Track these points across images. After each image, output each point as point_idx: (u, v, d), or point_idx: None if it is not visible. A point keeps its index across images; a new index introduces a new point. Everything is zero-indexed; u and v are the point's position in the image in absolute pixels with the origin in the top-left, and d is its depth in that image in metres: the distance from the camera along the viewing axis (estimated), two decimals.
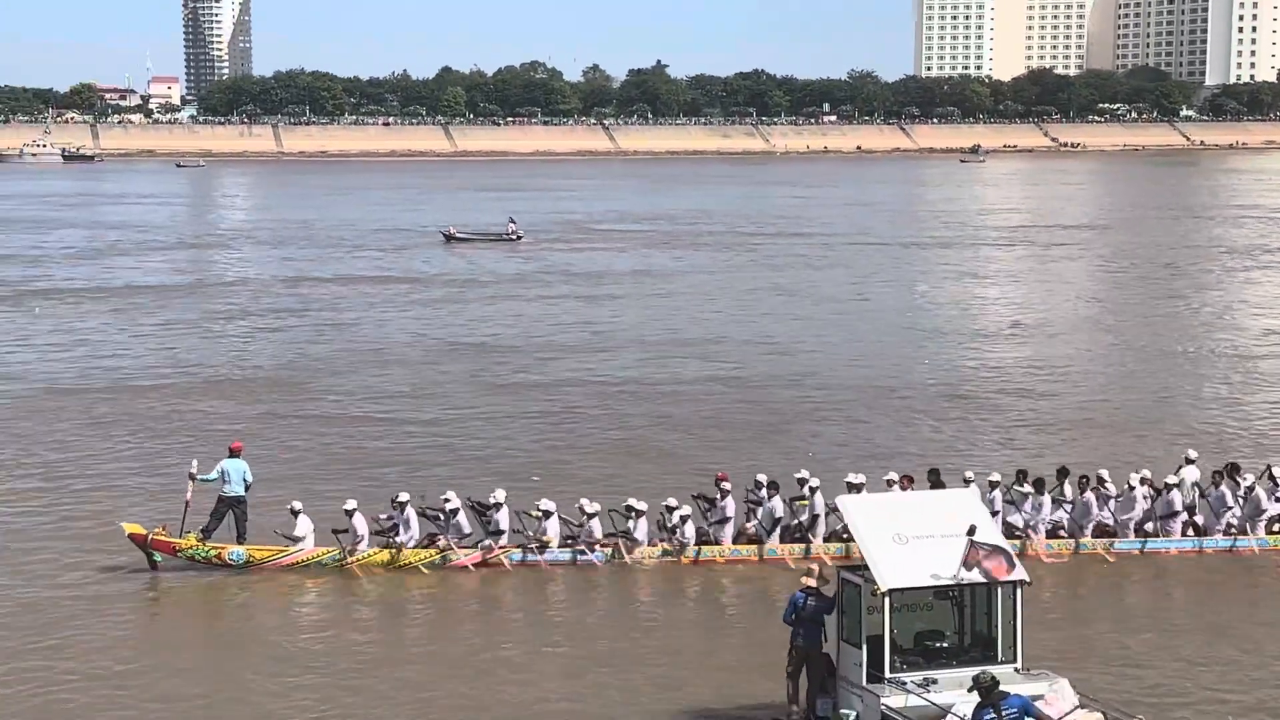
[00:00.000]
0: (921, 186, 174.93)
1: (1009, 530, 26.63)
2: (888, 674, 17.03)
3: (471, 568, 26.27)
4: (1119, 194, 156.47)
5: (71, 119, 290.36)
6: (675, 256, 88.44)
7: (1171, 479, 28.31)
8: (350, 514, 26.30)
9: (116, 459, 35.81)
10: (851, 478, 27.28)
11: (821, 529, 27.33)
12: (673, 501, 26.99)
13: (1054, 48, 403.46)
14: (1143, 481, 28.28)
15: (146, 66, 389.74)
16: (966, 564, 17.32)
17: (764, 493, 27.65)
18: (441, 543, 26.44)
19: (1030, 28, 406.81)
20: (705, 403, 42.38)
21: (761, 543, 27.19)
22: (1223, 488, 28.18)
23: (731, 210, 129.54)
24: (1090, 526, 28.14)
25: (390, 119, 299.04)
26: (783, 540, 27.30)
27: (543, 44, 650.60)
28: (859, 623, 17.53)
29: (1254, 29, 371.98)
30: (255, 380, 46.65)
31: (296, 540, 26.32)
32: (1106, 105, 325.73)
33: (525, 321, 59.86)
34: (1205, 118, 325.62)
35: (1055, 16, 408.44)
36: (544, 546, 26.49)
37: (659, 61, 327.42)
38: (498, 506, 26.57)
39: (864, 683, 17.28)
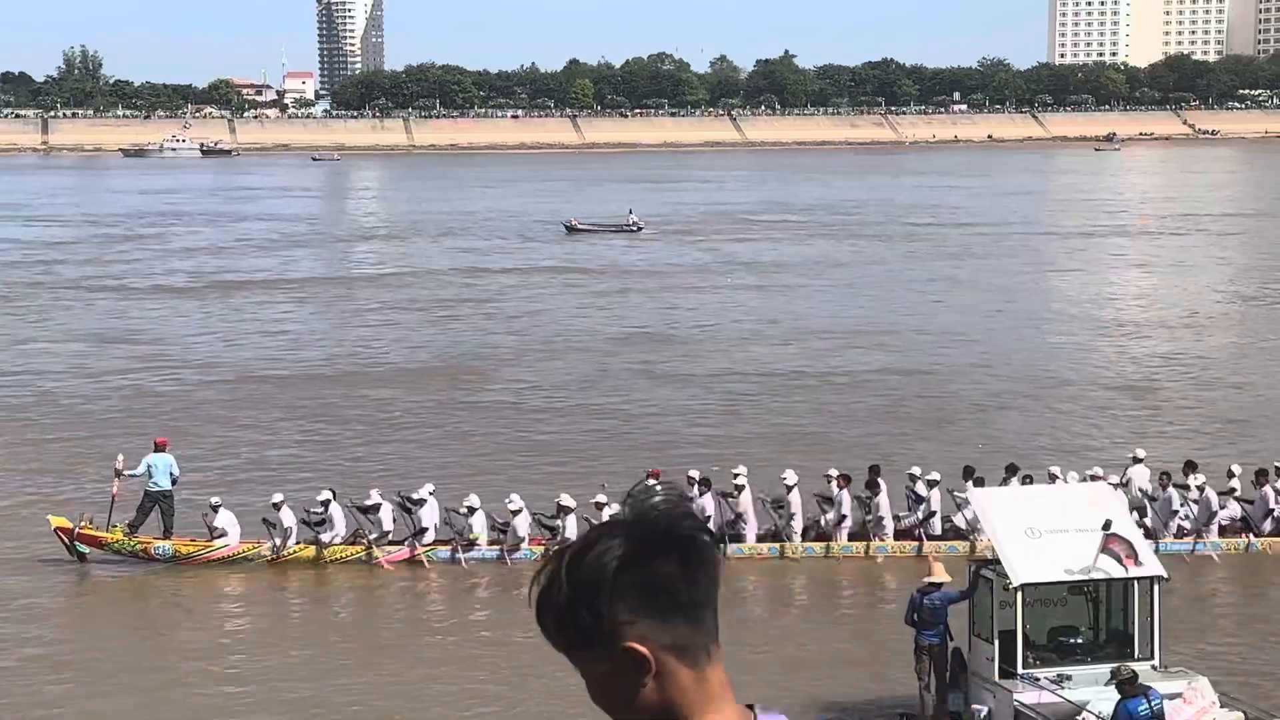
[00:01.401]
0: (1063, 174, 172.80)
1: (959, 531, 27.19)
2: (1020, 670, 17.15)
3: (390, 565, 26.40)
4: (1269, 182, 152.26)
5: (209, 114, 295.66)
6: (840, 247, 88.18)
7: (1114, 479, 27.46)
8: (278, 507, 26.55)
9: (291, 444, 36.77)
10: (787, 475, 27.34)
11: (752, 528, 27.15)
12: (602, 498, 26.57)
13: (1192, 33, 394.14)
14: (1093, 479, 27.21)
15: (282, 62, 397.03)
16: (1102, 557, 17.34)
17: (695, 490, 27.16)
18: (367, 540, 26.52)
19: (1168, 12, 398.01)
20: (877, 392, 42.41)
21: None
22: (1170, 490, 27.59)
23: (883, 200, 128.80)
24: None
25: (519, 112, 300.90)
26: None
27: (670, 35, 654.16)
28: (990, 618, 17.62)
29: None
30: (430, 369, 47.57)
31: (219, 534, 26.57)
32: (1246, 91, 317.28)
33: (698, 312, 60.01)
34: None
35: (1194, 0, 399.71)
36: (471, 545, 26.64)
37: (786, 52, 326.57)
38: (421, 503, 26.70)
39: (996, 678, 17.38)
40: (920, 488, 27.93)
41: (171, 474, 27.63)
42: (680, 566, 2.27)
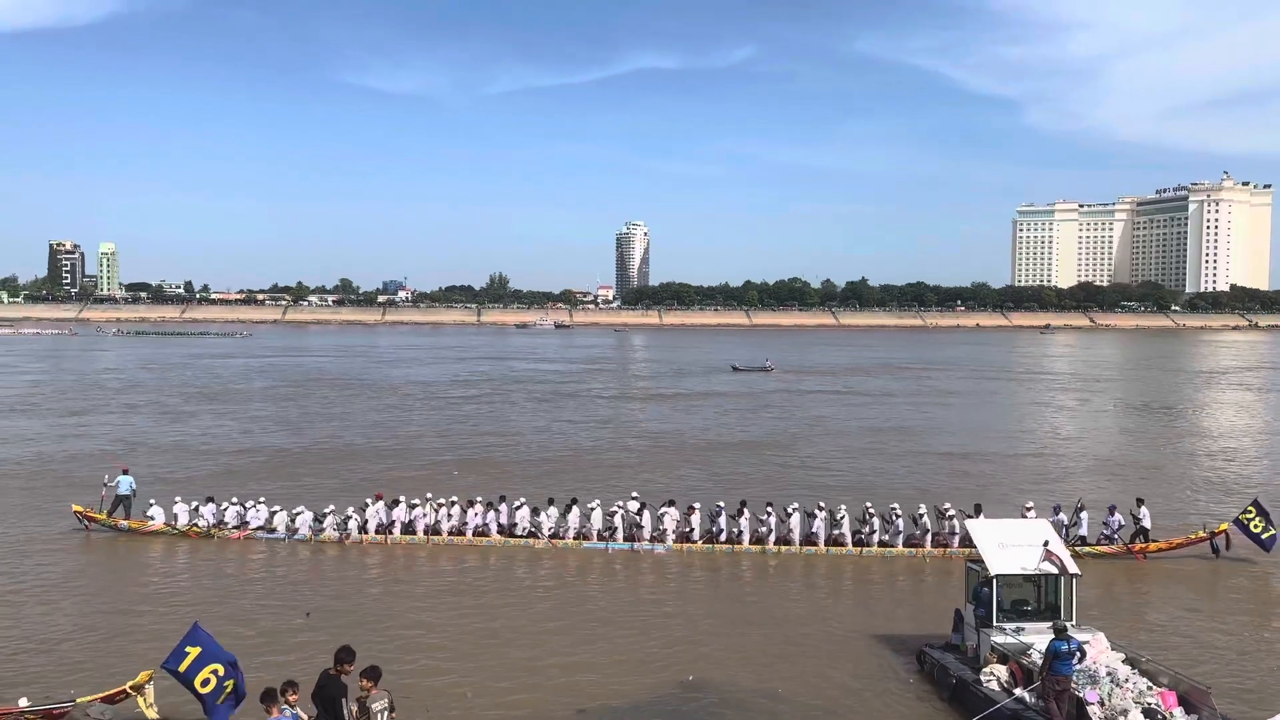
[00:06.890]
0: (1022, 346, 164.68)
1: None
2: (994, 623, 16.15)
3: (235, 539, 25.77)
4: (1141, 355, 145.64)
5: (559, 306, 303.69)
6: (916, 383, 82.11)
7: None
8: (197, 506, 26.35)
9: (685, 473, 35.43)
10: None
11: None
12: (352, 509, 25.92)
13: (1095, 267, 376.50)
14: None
15: (596, 280, 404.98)
16: (1043, 562, 16.44)
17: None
18: (224, 525, 26.17)
19: (1080, 255, 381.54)
20: (963, 458, 40.07)
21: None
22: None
23: (926, 359, 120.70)
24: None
25: (717, 307, 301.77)
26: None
27: (800, 266, 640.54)
28: (977, 592, 16.73)
29: (1215, 259, 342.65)
30: (732, 444, 45.09)
31: (152, 519, 26.20)
32: (1126, 303, 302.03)
33: (870, 415, 56.70)
34: (1187, 311, 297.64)
35: (1096, 248, 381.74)
36: (273, 530, 25.45)
37: (863, 277, 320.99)
38: (267, 505, 26.13)
39: (978, 626, 16.40)
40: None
41: (131, 486, 26.74)
42: None
